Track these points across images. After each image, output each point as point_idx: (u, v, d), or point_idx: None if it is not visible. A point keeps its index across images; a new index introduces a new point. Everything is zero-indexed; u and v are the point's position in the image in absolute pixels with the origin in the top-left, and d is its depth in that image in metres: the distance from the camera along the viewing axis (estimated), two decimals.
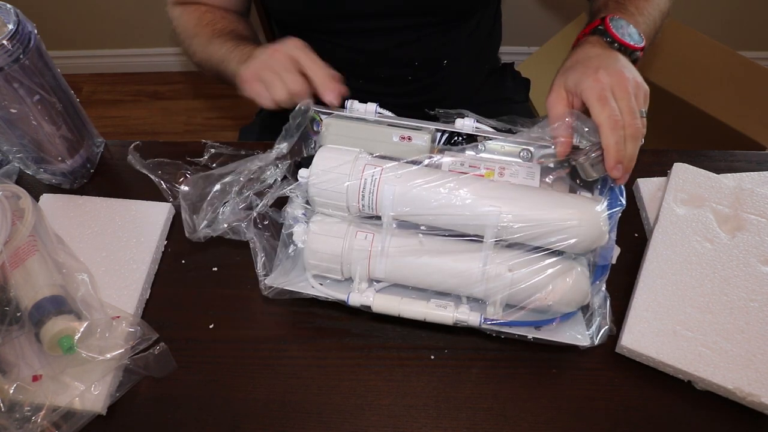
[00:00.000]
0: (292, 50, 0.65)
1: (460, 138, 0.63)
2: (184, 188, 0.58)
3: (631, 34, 0.65)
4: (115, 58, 2.02)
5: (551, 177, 0.61)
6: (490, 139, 0.62)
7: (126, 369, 0.60)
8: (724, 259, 0.63)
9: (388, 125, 0.61)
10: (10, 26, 0.62)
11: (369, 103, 0.63)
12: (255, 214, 0.58)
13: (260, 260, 0.59)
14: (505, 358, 0.62)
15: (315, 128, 0.63)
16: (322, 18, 0.83)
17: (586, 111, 0.58)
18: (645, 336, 0.59)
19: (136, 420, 0.59)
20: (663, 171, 0.72)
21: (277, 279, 0.59)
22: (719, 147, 1.02)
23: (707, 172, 0.70)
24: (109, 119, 1.93)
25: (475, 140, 0.63)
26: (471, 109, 0.63)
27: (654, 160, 0.76)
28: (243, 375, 0.62)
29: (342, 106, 0.63)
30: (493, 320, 0.57)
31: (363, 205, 0.57)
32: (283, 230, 0.60)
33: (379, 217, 0.58)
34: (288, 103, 0.63)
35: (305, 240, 0.58)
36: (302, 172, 0.58)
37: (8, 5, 0.65)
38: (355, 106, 0.63)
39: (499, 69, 1.04)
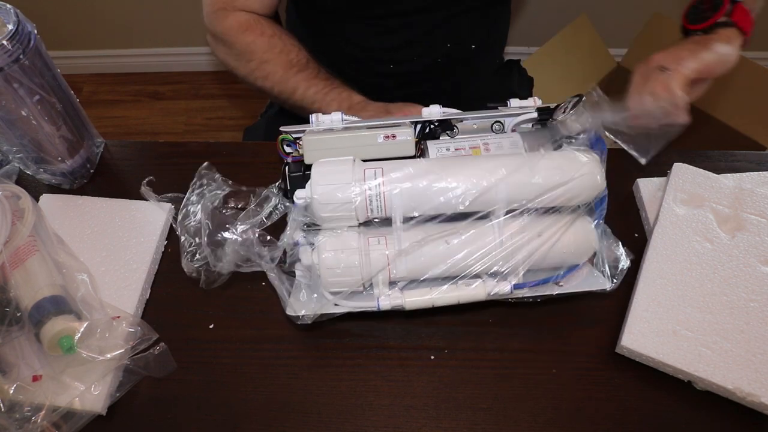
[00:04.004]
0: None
1: (434, 126, 0.64)
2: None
3: None
4: (115, 58, 2.02)
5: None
6: (462, 120, 0.64)
7: (126, 369, 0.60)
8: (724, 259, 0.63)
9: (367, 128, 0.61)
10: (10, 26, 0.62)
11: (333, 113, 0.62)
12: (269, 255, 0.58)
13: (285, 291, 0.58)
14: (505, 358, 0.62)
15: (286, 149, 0.62)
16: (365, 4, 0.84)
17: None
18: (645, 336, 0.59)
19: (136, 420, 0.59)
20: (663, 171, 0.72)
21: (301, 306, 0.58)
22: (719, 147, 1.02)
23: (707, 172, 0.70)
24: (109, 119, 1.94)
25: (449, 126, 0.63)
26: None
27: (654, 160, 0.75)
28: (243, 375, 0.62)
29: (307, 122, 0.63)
30: (521, 285, 0.57)
31: (372, 210, 0.56)
32: (298, 258, 0.59)
33: (381, 219, 0.58)
34: None
35: (319, 260, 0.57)
36: (299, 193, 0.57)
37: (8, 5, 0.65)
38: (320, 119, 0.62)
39: (506, 64, 1.05)
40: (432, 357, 0.62)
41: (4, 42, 0.61)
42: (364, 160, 0.58)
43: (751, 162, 0.76)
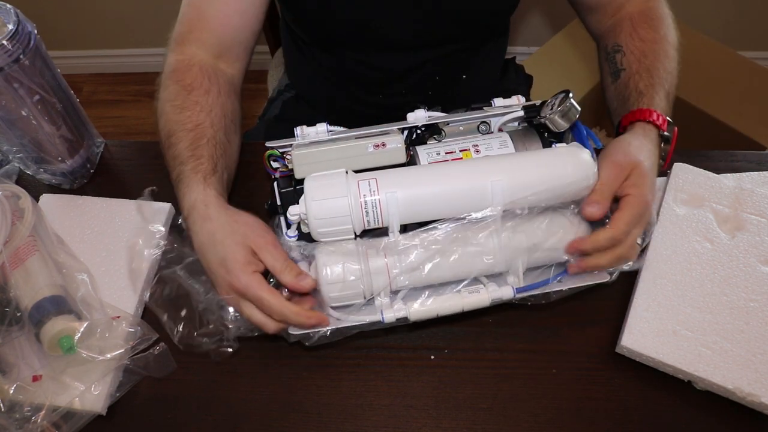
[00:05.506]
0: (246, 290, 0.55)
1: (421, 131, 0.63)
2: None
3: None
4: (115, 58, 2.02)
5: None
6: (448, 123, 0.63)
7: (126, 369, 0.60)
8: (724, 259, 0.63)
9: (356, 138, 0.60)
10: (10, 26, 0.62)
11: (318, 124, 0.61)
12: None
13: None
14: (505, 358, 0.62)
15: (273, 165, 0.60)
16: (351, 39, 0.83)
17: None
18: (645, 336, 0.59)
19: (136, 420, 0.59)
20: (663, 171, 0.72)
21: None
22: (719, 147, 1.02)
23: (707, 172, 0.70)
24: (109, 119, 1.93)
25: (436, 131, 0.63)
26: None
27: None
28: (243, 375, 0.61)
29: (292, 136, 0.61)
30: (523, 288, 0.57)
31: (368, 221, 0.55)
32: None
33: (377, 229, 0.57)
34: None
35: (319, 276, 0.56)
36: (293, 210, 0.56)
37: (8, 5, 0.65)
38: (306, 131, 0.61)
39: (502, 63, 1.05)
40: (432, 357, 0.62)
41: (4, 42, 0.61)
42: (356, 171, 0.58)
43: (751, 162, 0.76)
